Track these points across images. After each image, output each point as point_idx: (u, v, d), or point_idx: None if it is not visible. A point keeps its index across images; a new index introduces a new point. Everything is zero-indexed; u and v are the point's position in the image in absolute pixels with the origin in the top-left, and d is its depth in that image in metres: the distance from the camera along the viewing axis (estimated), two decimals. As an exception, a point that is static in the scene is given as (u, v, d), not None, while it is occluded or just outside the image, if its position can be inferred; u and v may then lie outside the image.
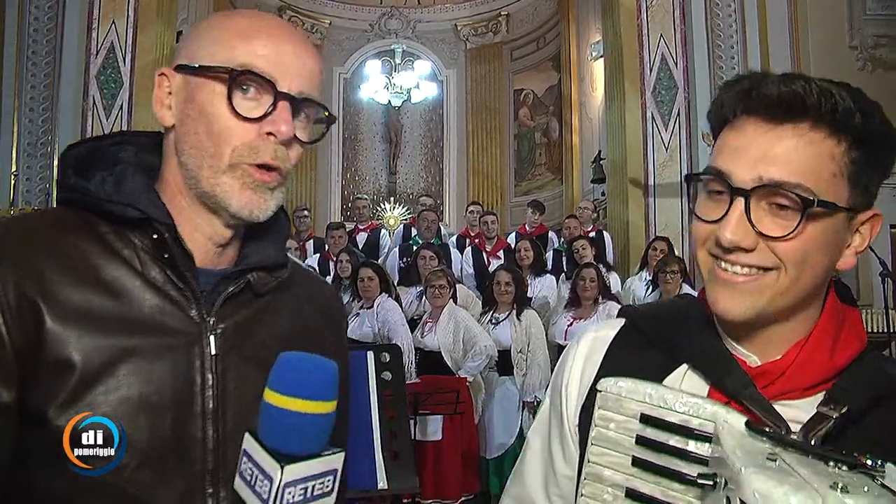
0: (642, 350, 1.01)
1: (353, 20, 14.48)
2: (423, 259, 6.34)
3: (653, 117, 8.77)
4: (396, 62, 13.92)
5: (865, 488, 0.70)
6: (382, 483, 2.33)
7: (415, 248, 6.97)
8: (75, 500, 0.92)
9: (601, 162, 10.80)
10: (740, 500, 0.73)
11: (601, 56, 10.78)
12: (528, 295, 6.18)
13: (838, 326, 0.93)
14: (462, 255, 7.67)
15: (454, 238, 8.43)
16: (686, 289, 5.66)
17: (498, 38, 14.39)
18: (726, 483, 0.77)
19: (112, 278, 0.96)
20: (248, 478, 0.87)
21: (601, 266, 6.62)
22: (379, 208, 13.35)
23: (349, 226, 8.73)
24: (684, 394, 0.89)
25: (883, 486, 0.71)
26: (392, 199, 13.91)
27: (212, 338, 0.99)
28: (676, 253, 6.91)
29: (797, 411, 0.87)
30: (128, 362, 0.92)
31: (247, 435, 0.88)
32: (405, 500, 5.01)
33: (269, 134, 0.97)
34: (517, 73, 14.33)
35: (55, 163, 7.14)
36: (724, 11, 8.71)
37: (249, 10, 1.08)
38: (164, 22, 8.67)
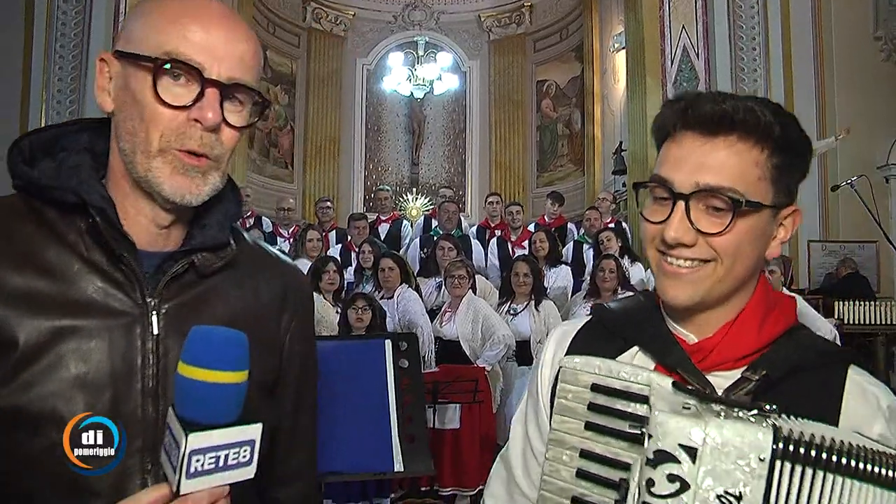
0: (603, 337, 1.17)
1: (377, 11, 14.57)
2: (442, 250, 6.43)
3: (674, 109, 8.73)
4: (419, 54, 13.99)
5: (764, 424, 0.86)
6: (398, 466, 2.41)
7: (435, 238, 7.04)
8: (14, 476, 0.94)
9: (622, 153, 10.80)
10: (648, 434, 0.90)
11: (623, 47, 10.77)
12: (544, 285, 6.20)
13: (767, 309, 1.07)
14: (483, 245, 7.70)
15: (474, 229, 8.44)
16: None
17: (521, 30, 14.41)
18: (649, 433, 0.92)
19: (55, 262, 0.99)
20: (168, 449, 0.87)
21: (626, 257, 6.64)
22: (401, 199, 13.44)
23: (371, 216, 8.75)
24: (627, 365, 1.04)
25: (774, 426, 0.86)
26: (414, 190, 14.01)
27: (154, 318, 1.02)
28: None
29: (728, 381, 1.03)
30: (67, 342, 0.96)
31: (169, 409, 0.88)
32: (423, 488, 5.09)
33: (197, 121, 0.98)
34: (540, 64, 14.33)
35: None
36: (746, 2, 8.66)
37: None
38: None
